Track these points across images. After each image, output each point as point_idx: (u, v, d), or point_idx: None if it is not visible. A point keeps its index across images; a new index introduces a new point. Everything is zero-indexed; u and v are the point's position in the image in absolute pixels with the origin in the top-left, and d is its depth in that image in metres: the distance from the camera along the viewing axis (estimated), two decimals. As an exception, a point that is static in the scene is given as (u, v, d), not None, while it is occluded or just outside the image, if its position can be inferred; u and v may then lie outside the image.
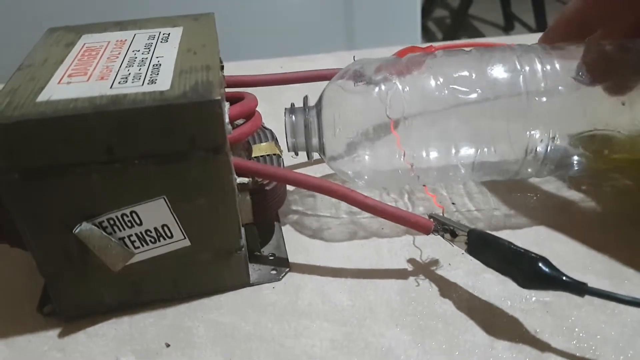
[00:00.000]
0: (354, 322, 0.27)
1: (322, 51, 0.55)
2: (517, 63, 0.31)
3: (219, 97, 0.23)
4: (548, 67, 0.31)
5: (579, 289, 0.25)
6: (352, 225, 0.34)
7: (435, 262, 0.31)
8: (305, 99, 0.33)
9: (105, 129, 0.22)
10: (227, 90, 0.31)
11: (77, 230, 0.25)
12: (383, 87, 0.31)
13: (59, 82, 0.24)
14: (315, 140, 0.32)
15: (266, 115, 0.32)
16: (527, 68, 0.31)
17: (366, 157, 0.32)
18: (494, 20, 2.05)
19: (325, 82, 0.33)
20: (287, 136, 0.32)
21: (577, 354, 0.25)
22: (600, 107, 0.31)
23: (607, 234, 0.32)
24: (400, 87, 0.31)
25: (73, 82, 0.24)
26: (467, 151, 0.32)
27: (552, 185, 0.36)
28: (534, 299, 0.28)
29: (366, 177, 0.33)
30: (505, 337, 0.26)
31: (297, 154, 0.33)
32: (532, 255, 0.26)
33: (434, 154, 0.32)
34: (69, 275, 0.27)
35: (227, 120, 0.25)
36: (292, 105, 0.33)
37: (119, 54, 0.27)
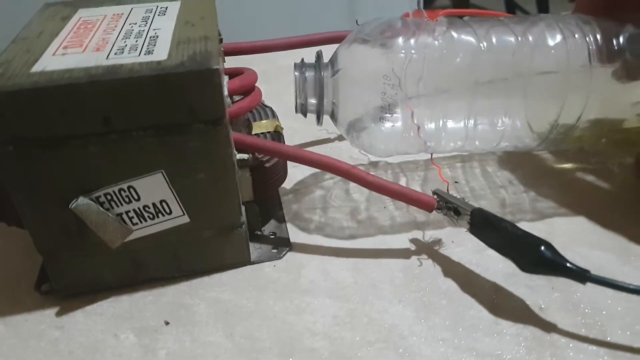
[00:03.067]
0: (357, 299, 0.27)
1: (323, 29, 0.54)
2: (559, 34, 0.29)
3: (218, 67, 0.22)
4: (590, 37, 0.29)
5: (581, 276, 0.24)
6: (354, 204, 0.33)
7: (438, 242, 0.30)
8: (319, 54, 0.30)
9: (101, 99, 0.22)
10: (226, 67, 0.31)
11: (73, 205, 0.24)
12: (397, 60, 0.29)
13: (53, 54, 0.24)
14: (327, 102, 0.29)
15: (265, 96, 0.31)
16: (571, 40, 0.29)
17: (376, 126, 0.30)
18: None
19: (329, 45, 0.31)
20: (296, 95, 0.29)
21: (583, 330, 0.25)
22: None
23: (614, 210, 0.31)
24: (417, 58, 0.29)
25: (68, 54, 0.24)
26: (487, 133, 0.31)
27: (559, 162, 0.35)
28: (538, 275, 0.27)
29: (378, 145, 0.31)
30: (510, 314, 0.26)
31: (305, 116, 0.31)
32: (535, 239, 0.25)
33: (449, 131, 0.30)
34: (66, 252, 0.26)
35: (226, 92, 0.25)
36: (302, 60, 0.30)
37: (116, 26, 0.27)
